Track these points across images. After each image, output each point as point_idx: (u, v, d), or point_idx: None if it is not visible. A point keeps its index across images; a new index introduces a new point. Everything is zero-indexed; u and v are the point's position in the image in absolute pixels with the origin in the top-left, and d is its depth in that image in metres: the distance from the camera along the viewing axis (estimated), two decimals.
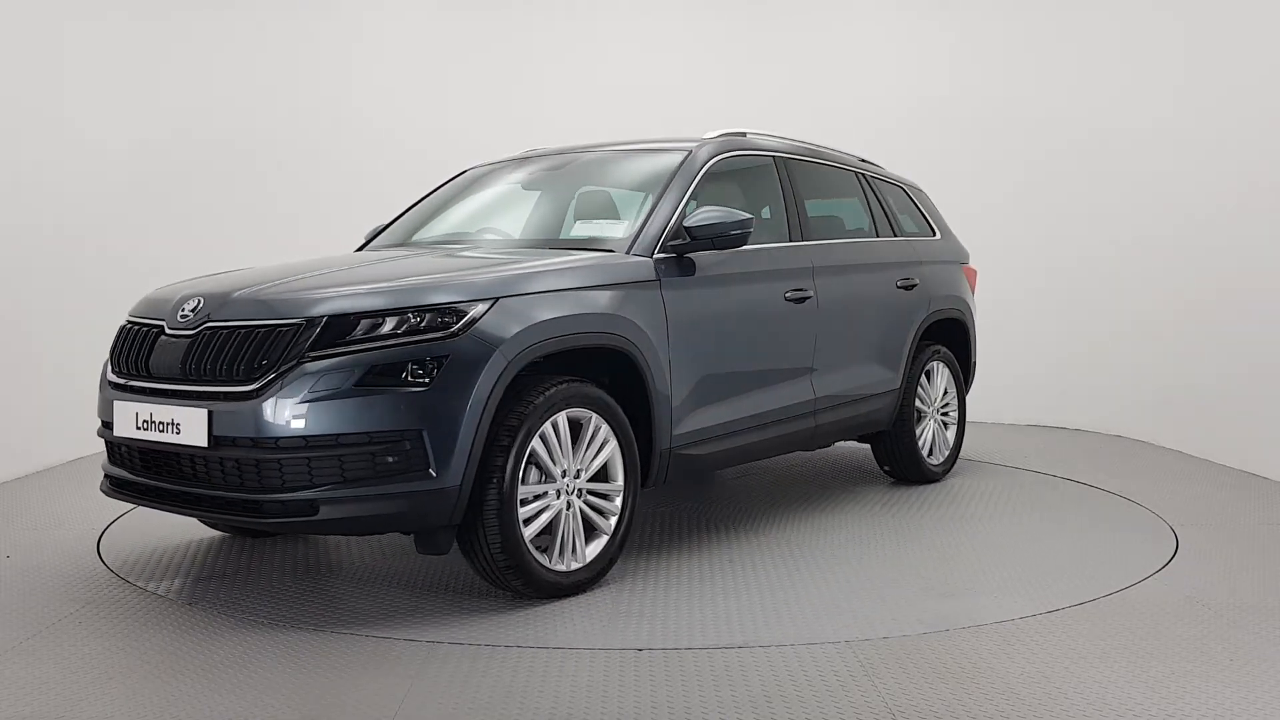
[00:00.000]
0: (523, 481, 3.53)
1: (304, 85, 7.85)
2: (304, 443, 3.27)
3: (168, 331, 3.62)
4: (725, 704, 2.85)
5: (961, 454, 6.24)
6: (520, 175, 5.12)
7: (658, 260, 4.11)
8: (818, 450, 6.38)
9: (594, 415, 3.76)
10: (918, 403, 5.65)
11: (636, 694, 2.93)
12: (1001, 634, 3.39)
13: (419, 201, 5.25)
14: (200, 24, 7.56)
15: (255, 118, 7.70)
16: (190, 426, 3.41)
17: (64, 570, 4.13)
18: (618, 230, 4.30)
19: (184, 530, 4.71)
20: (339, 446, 3.27)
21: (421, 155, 7.53)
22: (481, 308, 3.47)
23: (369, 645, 3.29)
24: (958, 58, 7.99)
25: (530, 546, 3.56)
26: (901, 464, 5.67)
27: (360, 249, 4.98)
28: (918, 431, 5.66)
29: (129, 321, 3.88)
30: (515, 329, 3.49)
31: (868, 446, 5.97)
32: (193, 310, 3.59)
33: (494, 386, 3.41)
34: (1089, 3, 7.59)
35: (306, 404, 3.26)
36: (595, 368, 3.93)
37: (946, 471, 5.90)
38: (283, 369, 3.31)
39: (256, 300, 3.51)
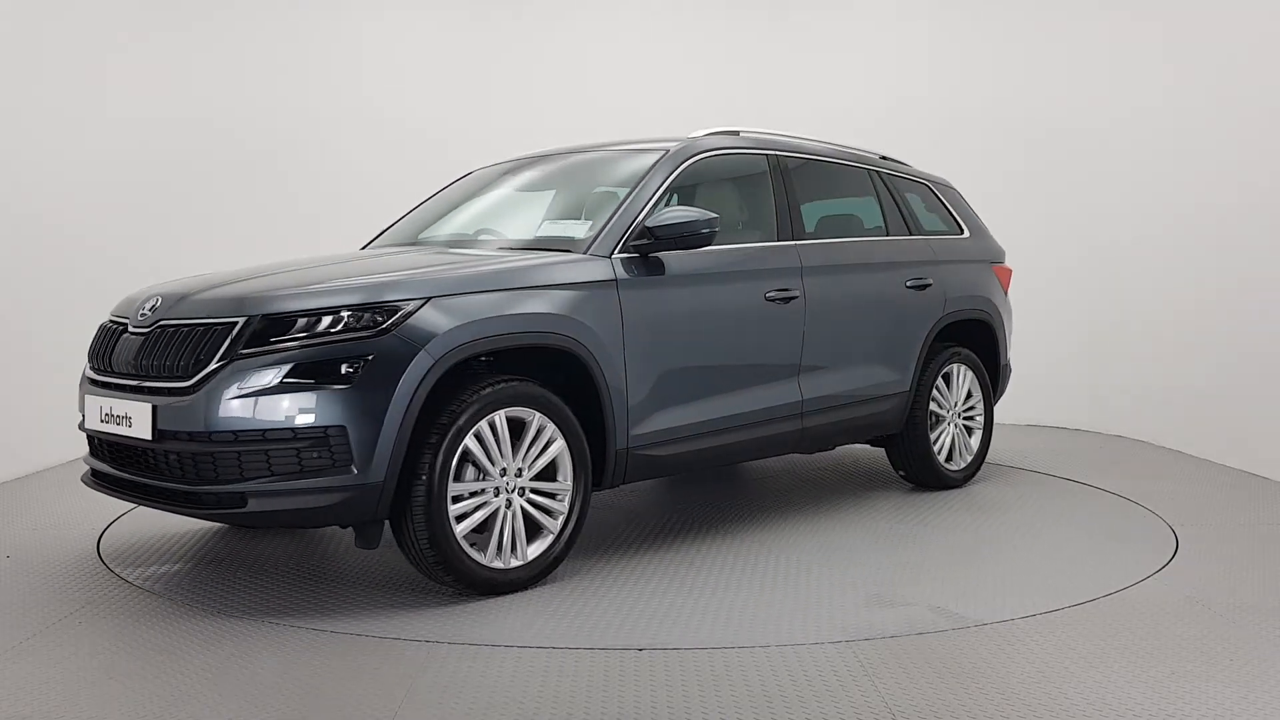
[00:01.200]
0: (457, 479, 3.60)
1: (311, 84, 7.84)
2: (234, 437, 3.39)
3: (130, 329, 3.81)
4: (725, 704, 2.86)
5: None
6: (515, 176, 5.16)
7: (617, 260, 4.13)
8: (820, 453, 6.37)
9: (538, 414, 3.79)
10: (934, 406, 5.49)
11: (636, 694, 2.93)
12: (1001, 634, 3.40)
13: (424, 202, 5.31)
14: (208, 24, 7.55)
15: (261, 117, 7.68)
16: (139, 420, 3.58)
17: (64, 570, 4.14)
18: (582, 231, 4.32)
19: (183, 530, 4.71)
20: (266, 441, 3.38)
21: (437, 154, 7.52)
22: (410, 307, 3.53)
23: (369, 645, 3.29)
24: (960, 56, 7.99)
25: (462, 543, 3.61)
26: (915, 469, 5.51)
27: (363, 249, 5.02)
28: (934, 436, 5.50)
29: (108, 319, 4.06)
30: (442, 329, 3.54)
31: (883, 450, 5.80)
32: (150, 309, 3.77)
33: (419, 385, 3.46)
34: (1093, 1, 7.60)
35: (236, 400, 3.38)
36: (549, 367, 3.97)
37: (968, 478, 5.70)
38: (218, 366, 3.44)
39: (200, 300, 3.67)
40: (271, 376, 3.38)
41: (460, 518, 3.61)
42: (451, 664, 3.14)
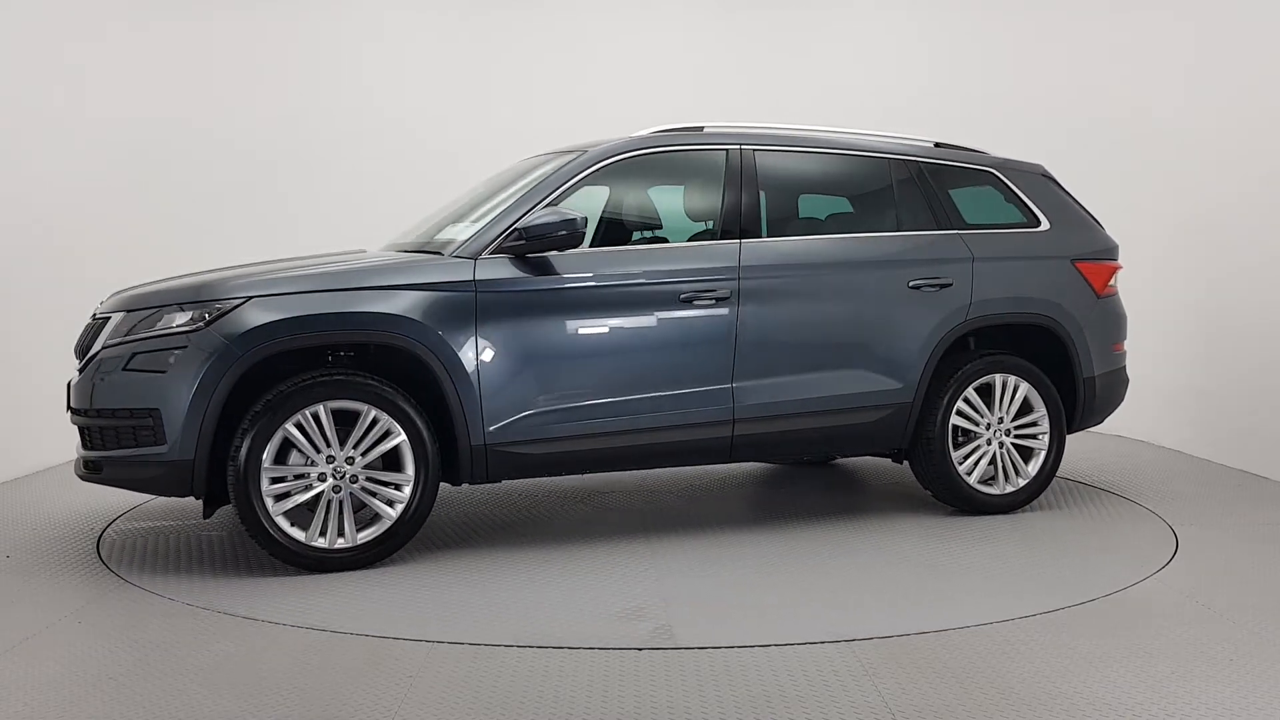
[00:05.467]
0: (281, 462, 3.99)
1: (308, 86, 7.82)
2: (97, 414, 4.03)
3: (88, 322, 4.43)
4: (725, 704, 2.86)
5: None
6: (526, 175, 5.08)
7: (484, 261, 4.26)
8: (818, 464, 6.32)
9: (372, 408, 4.05)
10: (959, 420, 4.89)
11: (636, 694, 2.93)
12: (1001, 634, 3.40)
13: (464, 196, 5.32)
14: (210, 24, 7.54)
15: (261, 118, 7.66)
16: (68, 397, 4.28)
17: (64, 570, 4.14)
18: (462, 233, 4.44)
19: (183, 530, 4.72)
20: (114, 418, 3.99)
21: (439, 155, 7.50)
22: (230, 305, 3.99)
23: (369, 645, 3.30)
24: (964, 54, 7.99)
25: (279, 520, 3.97)
26: (938, 489, 4.98)
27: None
28: (961, 454, 4.90)
29: None
30: (251, 325, 3.95)
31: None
32: (100, 304, 4.40)
33: (224, 375, 3.91)
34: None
35: (96, 382, 4.04)
36: (416, 364, 4.16)
37: (1017, 505, 5.01)
38: (95, 353, 4.10)
39: (111, 299, 4.33)
40: (118, 363, 3.99)
41: (279, 497, 3.97)
42: (451, 664, 3.14)
